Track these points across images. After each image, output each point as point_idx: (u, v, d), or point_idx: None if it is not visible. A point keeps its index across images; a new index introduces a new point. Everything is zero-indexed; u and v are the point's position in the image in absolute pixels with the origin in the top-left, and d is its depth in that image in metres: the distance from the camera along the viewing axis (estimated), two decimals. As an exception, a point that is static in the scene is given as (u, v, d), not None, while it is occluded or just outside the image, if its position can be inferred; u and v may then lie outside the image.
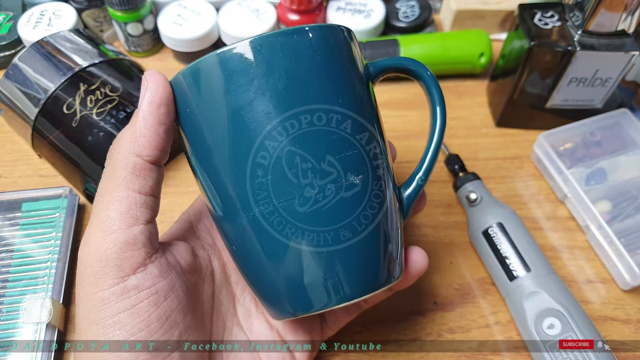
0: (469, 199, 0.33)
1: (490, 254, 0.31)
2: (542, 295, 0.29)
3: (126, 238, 0.20)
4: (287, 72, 0.20)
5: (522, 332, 0.30)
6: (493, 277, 0.32)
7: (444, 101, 0.24)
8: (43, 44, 0.35)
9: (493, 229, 0.32)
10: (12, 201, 0.34)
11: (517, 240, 0.31)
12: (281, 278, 0.21)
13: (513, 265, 0.30)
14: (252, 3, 0.44)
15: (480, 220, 0.32)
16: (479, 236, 0.32)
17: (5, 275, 0.31)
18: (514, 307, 0.30)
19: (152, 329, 0.20)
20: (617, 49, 0.34)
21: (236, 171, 0.20)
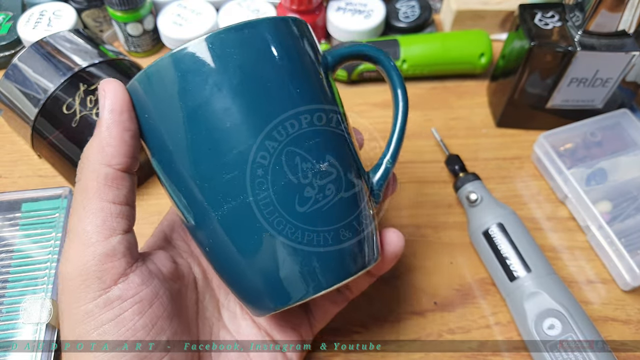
0: (469, 199, 0.33)
1: (491, 255, 0.31)
2: (543, 295, 0.29)
3: (105, 250, 0.20)
4: (241, 68, 0.20)
5: (522, 332, 0.30)
6: (493, 278, 0.32)
7: (404, 84, 0.25)
8: (43, 44, 0.35)
9: (493, 229, 0.32)
10: (12, 201, 0.34)
11: (518, 241, 0.31)
12: (256, 273, 0.21)
13: (513, 266, 0.30)
14: (252, 3, 0.44)
15: (481, 221, 0.32)
16: (479, 236, 0.32)
17: (5, 275, 0.31)
18: (515, 308, 0.30)
19: (138, 337, 0.20)
20: (617, 49, 0.34)
21: (199, 171, 0.20)
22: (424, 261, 0.34)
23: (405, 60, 0.42)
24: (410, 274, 0.33)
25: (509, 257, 0.31)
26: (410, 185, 0.37)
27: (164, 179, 0.22)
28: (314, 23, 0.43)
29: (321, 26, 0.45)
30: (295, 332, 0.27)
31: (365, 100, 0.43)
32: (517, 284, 0.30)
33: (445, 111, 0.42)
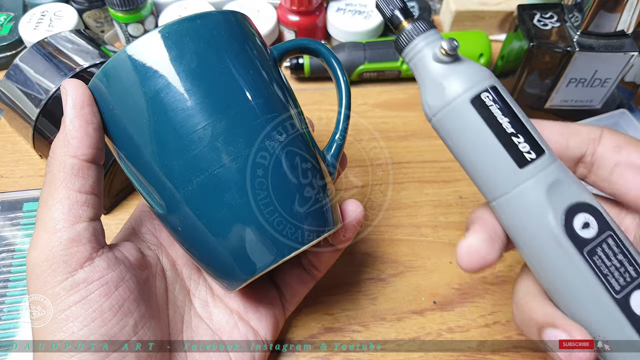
0: (444, 51, 0.21)
1: (485, 133, 0.20)
2: (568, 185, 0.20)
3: (71, 235, 0.21)
4: (197, 54, 0.21)
5: (533, 241, 0.20)
6: (480, 172, 0.21)
7: (343, 69, 0.27)
8: (44, 44, 0.35)
9: (487, 94, 0.20)
10: (14, 201, 0.34)
11: (519, 111, 0.21)
12: (225, 245, 0.22)
13: (523, 145, 0.20)
14: (253, 4, 0.44)
15: (465, 83, 0.20)
16: (464, 107, 0.20)
17: (7, 275, 0.31)
18: (522, 209, 0.20)
19: (105, 317, 0.21)
20: (616, 49, 0.34)
21: (167, 152, 0.22)
22: (424, 261, 0.34)
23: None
24: (410, 274, 0.33)
25: (515, 132, 0.20)
26: (410, 185, 0.37)
27: (132, 169, 0.23)
28: (314, 24, 0.44)
29: (321, 27, 0.45)
30: (269, 311, 0.28)
31: (365, 100, 0.43)
32: (531, 170, 0.20)
33: (445, 111, 0.42)
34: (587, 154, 0.21)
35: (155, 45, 0.21)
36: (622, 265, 0.19)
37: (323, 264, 0.29)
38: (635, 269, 0.19)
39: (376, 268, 0.33)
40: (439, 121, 0.21)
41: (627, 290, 0.19)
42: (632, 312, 0.19)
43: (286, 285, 0.29)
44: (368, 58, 0.42)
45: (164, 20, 0.43)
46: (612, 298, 0.19)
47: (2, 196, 0.34)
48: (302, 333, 0.31)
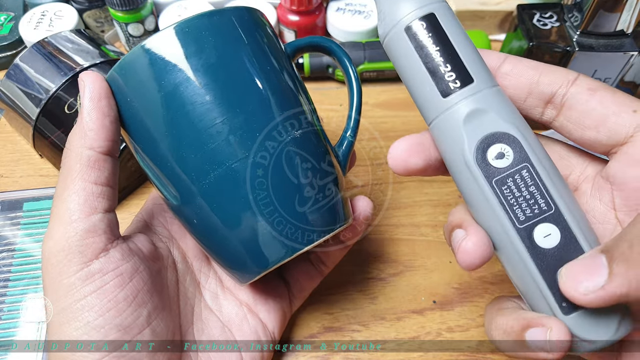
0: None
1: (415, 60, 0.21)
2: (489, 115, 0.20)
3: (86, 226, 0.21)
4: (215, 48, 0.22)
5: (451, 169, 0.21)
6: (415, 97, 0.22)
7: (355, 68, 0.27)
8: (44, 44, 0.35)
9: (420, 22, 0.20)
10: (14, 201, 0.34)
11: (455, 41, 0.20)
12: (240, 238, 0.23)
13: (449, 74, 0.20)
14: (253, 4, 0.44)
15: (401, 10, 0.21)
16: (400, 34, 0.21)
17: (7, 274, 0.31)
18: (444, 136, 0.21)
19: (120, 308, 0.21)
20: (615, 49, 0.34)
21: (185, 145, 0.22)
22: (423, 260, 0.34)
23: (405, 61, 0.42)
24: (410, 273, 0.33)
25: (443, 62, 0.20)
26: (409, 184, 0.37)
27: (148, 161, 0.23)
28: (314, 23, 0.44)
29: (321, 27, 0.45)
30: (278, 304, 0.28)
31: (365, 100, 0.43)
32: (452, 99, 0.20)
33: (445, 111, 0.42)
34: (558, 94, 0.20)
35: (175, 39, 0.21)
36: (532, 197, 0.19)
37: (331, 259, 0.29)
38: (547, 202, 0.19)
39: (376, 267, 0.33)
40: (385, 48, 0.22)
41: (532, 222, 0.19)
42: (534, 243, 0.19)
43: (294, 280, 0.29)
44: (368, 58, 0.42)
45: (164, 20, 0.43)
46: (514, 227, 0.19)
47: (2, 196, 0.34)
48: (302, 333, 0.31)
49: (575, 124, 0.20)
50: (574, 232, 0.19)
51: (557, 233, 0.19)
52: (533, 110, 0.21)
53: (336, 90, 0.43)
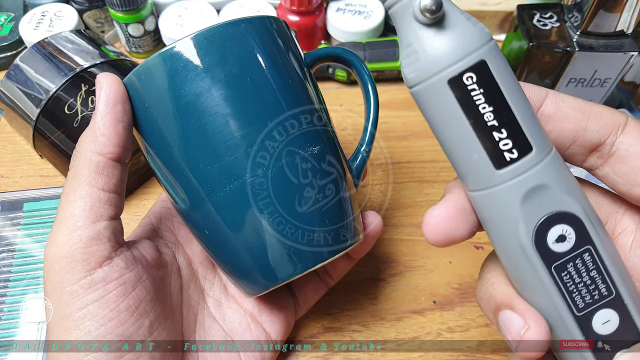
0: (422, 10, 0.16)
1: (461, 121, 0.17)
2: (551, 191, 0.17)
3: (91, 233, 0.21)
4: (239, 59, 0.21)
5: (499, 242, 0.18)
6: (455, 160, 0.18)
7: (374, 81, 0.27)
8: (44, 44, 0.35)
9: (470, 74, 0.16)
10: (14, 201, 0.34)
11: (510, 95, 0.17)
12: (250, 253, 0.22)
13: (505, 142, 0.17)
14: (253, 4, 0.44)
15: (445, 56, 0.16)
16: (441, 87, 0.17)
17: (7, 274, 0.31)
18: (494, 211, 0.18)
19: (121, 318, 0.21)
20: (615, 49, 0.34)
21: (202, 156, 0.21)
22: (423, 260, 0.34)
23: (405, 61, 0.42)
24: (410, 273, 0.33)
25: (498, 125, 0.16)
26: (410, 185, 0.37)
27: (162, 167, 0.23)
28: (314, 24, 0.44)
29: (321, 27, 0.45)
30: (282, 314, 0.28)
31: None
32: (508, 173, 0.17)
33: (445, 111, 0.42)
34: (607, 143, 0.18)
35: (198, 47, 0.21)
36: (593, 283, 0.17)
37: (337, 272, 0.29)
38: (608, 287, 0.17)
39: (376, 268, 0.33)
40: (414, 94, 0.18)
41: (591, 308, 0.18)
42: (592, 330, 0.18)
43: (300, 291, 0.29)
44: (368, 58, 0.42)
45: (164, 20, 0.43)
46: (572, 315, 0.18)
47: (2, 196, 0.34)
48: (302, 333, 0.31)
49: (625, 178, 0.18)
50: (633, 317, 0.18)
51: (616, 319, 0.17)
52: (575, 157, 0.19)
53: (336, 91, 0.43)
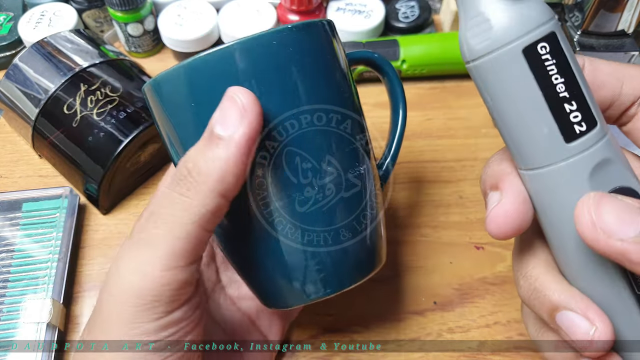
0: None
1: (534, 93, 0.16)
2: (615, 166, 0.17)
3: (186, 276, 0.19)
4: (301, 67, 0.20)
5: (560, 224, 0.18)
6: (518, 136, 0.17)
7: (404, 95, 0.26)
8: (43, 44, 0.35)
9: (545, 44, 0.16)
10: (13, 201, 0.34)
11: (576, 69, 0.17)
12: (278, 273, 0.22)
13: (575, 115, 0.16)
14: (252, 3, 0.44)
15: (520, 24, 0.16)
16: (515, 56, 0.16)
17: (6, 275, 0.31)
18: (562, 186, 0.17)
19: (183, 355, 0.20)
20: (616, 49, 0.34)
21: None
22: (424, 261, 0.34)
23: (405, 61, 0.42)
24: (410, 274, 0.33)
25: (568, 97, 0.16)
26: (410, 185, 0.37)
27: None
28: (314, 23, 0.44)
29: (321, 26, 0.45)
30: (280, 317, 0.28)
31: (365, 100, 0.43)
32: (578, 146, 0.16)
33: (445, 111, 0.42)
34: (637, 103, 0.18)
35: (234, 57, 0.20)
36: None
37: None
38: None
39: (376, 268, 0.33)
40: (478, 68, 0.17)
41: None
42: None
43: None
44: (368, 58, 0.42)
45: (163, 19, 0.43)
46: (634, 295, 0.17)
47: (1, 196, 0.34)
48: (302, 333, 0.30)
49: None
50: None
51: None
52: (607, 119, 0.19)
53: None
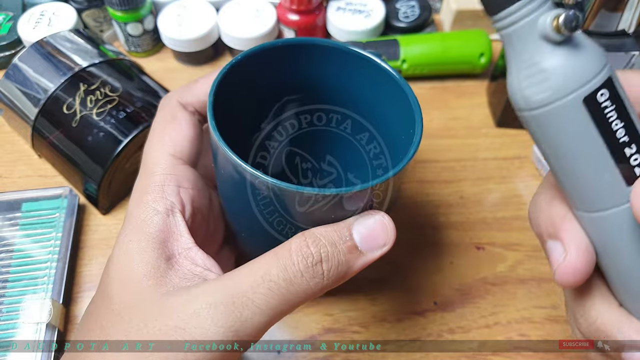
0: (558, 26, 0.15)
1: (594, 140, 0.16)
2: None
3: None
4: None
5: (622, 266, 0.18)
6: (578, 181, 0.17)
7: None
8: (43, 44, 0.35)
9: (602, 91, 0.16)
10: (12, 201, 0.34)
11: (631, 109, 0.17)
12: None
13: (635, 157, 0.17)
14: (252, 3, 0.44)
15: (579, 74, 0.16)
16: (575, 107, 0.16)
17: (5, 275, 0.31)
18: (623, 229, 0.17)
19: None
20: (617, 49, 0.34)
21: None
22: (424, 261, 0.34)
23: (405, 60, 0.42)
24: (411, 274, 0.33)
25: (629, 141, 0.16)
26: (410, 185, 0.37)
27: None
28: (314, 23, 0.43)
29: (321, 26, 0.45)
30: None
31: (365, 100, 0.43)
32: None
33: (445, 111, 0.42)
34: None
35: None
36: None
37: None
38: None
39: (376, 268, 0.33)
40: (536, 118, 0.17)
41: None
42: None
43: None
44: (368, 57, 0.42)
45: (163, 18, 0.43)
46: None
47: (0, 196, 0.34)
48: (302, 333, 0.30)
49: None
50: None
51: None
52: None
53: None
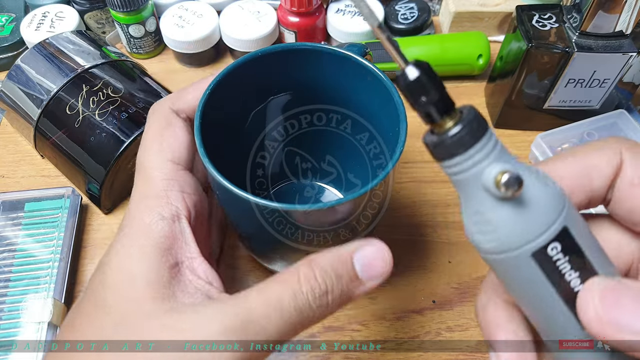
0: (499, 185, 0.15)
1: (546, 290, 0.16)
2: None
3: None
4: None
5: None
6: (539, 322, 0.18)
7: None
8: (45, 45, 0.36)
9: (554, 244, 0.15)
10: (15, 201, 0.34)
11: (591, 252, 0.16)
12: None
13: None
14: (253, 5, 0.44)
15: (526, 229, 0.15)
16: (523, 261, 0.16)
17: (8, 274, 0.31)
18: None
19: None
20: (614, 50, 0.34)
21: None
22: (423, 260, 0.34)
23: (405, 62, 0.42)
24: (409, 273, 0.33)
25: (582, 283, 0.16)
26: (409, 185, 0.38)
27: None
28: (314, 25, 0.44)
29: (321, 28, 0.45)
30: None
31: (364, 101, 0.43)
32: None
33: (444, 112, 0.42)
34: (609, 195, 0.18)
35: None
36: None
37: None
38: None
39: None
40: (489, 260, 0.17)
41: None
42: None
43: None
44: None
45: (165, 20, 0.44)
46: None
47: (3, 196, 0.34)
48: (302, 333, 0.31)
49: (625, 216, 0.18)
50: None
51: None
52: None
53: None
